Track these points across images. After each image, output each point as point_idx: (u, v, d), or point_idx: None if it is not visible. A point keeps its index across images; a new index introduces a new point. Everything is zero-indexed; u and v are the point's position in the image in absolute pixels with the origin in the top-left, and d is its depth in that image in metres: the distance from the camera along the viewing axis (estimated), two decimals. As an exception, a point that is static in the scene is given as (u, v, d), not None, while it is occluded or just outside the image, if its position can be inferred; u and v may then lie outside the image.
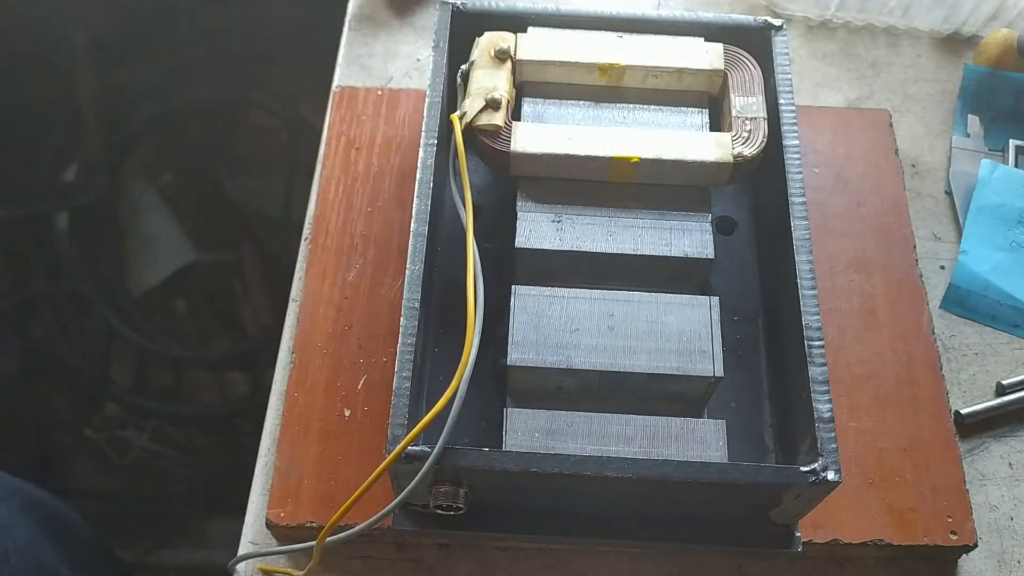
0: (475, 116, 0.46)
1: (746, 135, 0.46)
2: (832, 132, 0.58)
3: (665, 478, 0.39)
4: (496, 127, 0.46)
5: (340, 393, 0.48)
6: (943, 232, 0.57)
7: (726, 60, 0.49)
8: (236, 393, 1.07)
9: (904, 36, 0.65)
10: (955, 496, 0.46)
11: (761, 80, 0.49)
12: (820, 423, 0.40)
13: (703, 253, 0.45)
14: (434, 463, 0.38)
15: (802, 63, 0.63)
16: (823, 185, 0.56)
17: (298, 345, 0.49)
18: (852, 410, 0.48)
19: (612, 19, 0.50)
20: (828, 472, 0.38)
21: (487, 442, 0.44)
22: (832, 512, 0.45)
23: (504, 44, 0.48)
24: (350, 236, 0.53)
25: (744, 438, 0.46)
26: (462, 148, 0.44)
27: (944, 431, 0.48)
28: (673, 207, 0.46)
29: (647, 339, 0.43)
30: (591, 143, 0.46)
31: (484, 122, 0.46)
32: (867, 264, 0.53)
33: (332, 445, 0.47)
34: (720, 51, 0.49)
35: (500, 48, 0.47)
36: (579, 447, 0.41)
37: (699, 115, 0.49)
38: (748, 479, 0.39)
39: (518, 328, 0.43)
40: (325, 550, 0.40)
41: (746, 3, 0.66)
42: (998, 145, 0.60)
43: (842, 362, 0.50)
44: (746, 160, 0.46)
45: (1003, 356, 0.53)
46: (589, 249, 0.45)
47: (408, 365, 0.40)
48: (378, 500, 0.45)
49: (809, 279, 0.43)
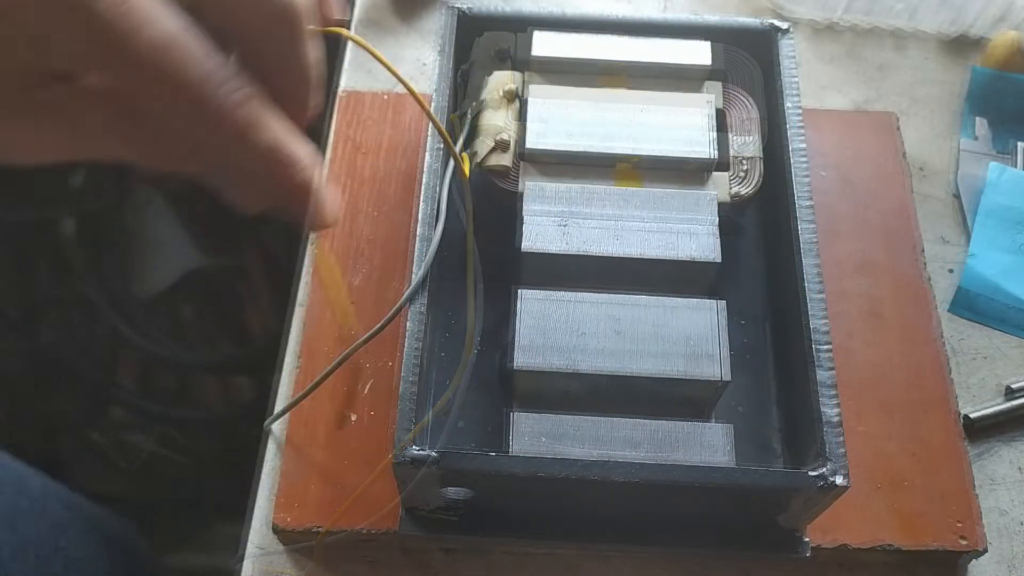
0: (484, 157, 0.47)
1: (743, 174, 0.47)
2: (838, 135, 0.57)
3: (672, 482, 0.38)
4: (505, 168, 0.47)
5: (346, 397, 0.48)
6: (951, 235, 0.57)
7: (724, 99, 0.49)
8: (242, 397, 1.07)
9: (911, 38, 0.65)
10: (964, 500, 0.46)
11: (758, 119, 0.49)
12: (828, 427, 0.39)
13: (710, 256, 0.45)
14: (433, 464, 0.38)
15: (808, 66, 0.63)
16: (829, 188, 0.55)
17: (304, 349, 0.49)
18: (860, 414, 0.48)
19: (617, 22, 0.50)
20: (836, 476, 0.38)
21: (493, 446, 0.44)
22: (840, 517, 0.45)
23: (512, 85, 0.48)
24: (356, 240, 0.53)
25: (751, 442, 0.46)
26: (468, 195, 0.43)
27: (953, 435, 0.48)
28: (679, 210, 0.46)
29: (653, 343, 0.43)
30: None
31: (493, 163, 0.47)
32: (874, 267, 0.53)
33: (338, 449, 0.46)
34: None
35: (508, 89, 0.48)
36: (585, 451, 0.41)
37: (705, 118, 0.48)
38: (755, 484, 0.38)
39: (524, 332, 0.42)
40: (329, 555, 0.40)
41: (752, 6, 0.66)
42: (1006, 148, 0.60)
43: (850, 366, 0.49)
44: (743, 199, 0.47)
45: (1012, 359, 0.53)
46: (595, 252, 0.45)
47: (414, 369, 0.40)
48: (383, 504, 0.45)
49: (816, 282, 0.43)
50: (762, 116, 0.49)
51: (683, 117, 0.48)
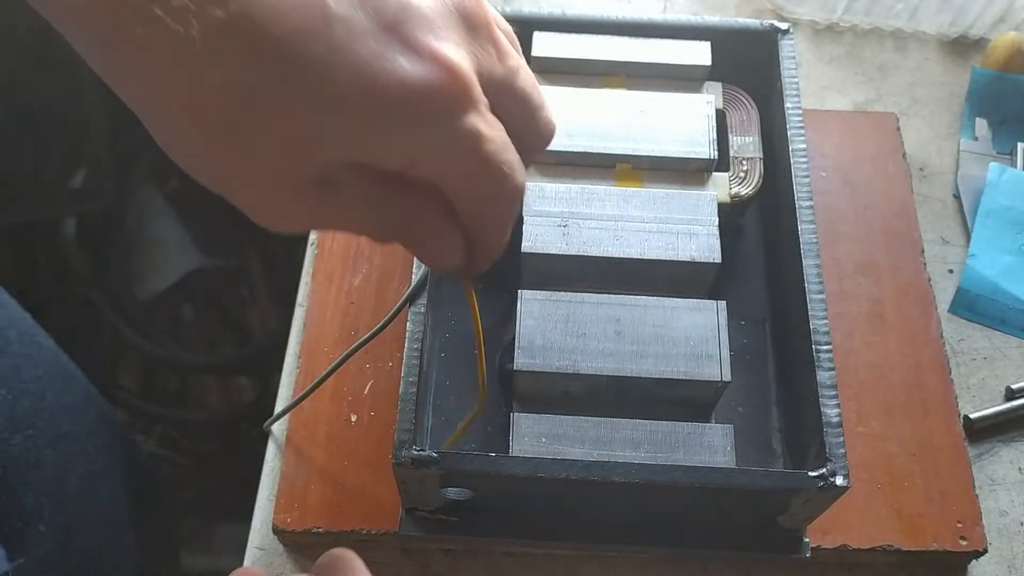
0: None
1: (743, 175, 0.47)
2: (839, 136, 0.57)
3: (672, 483, 0.38)
4: None
5: (347, 398, 0.48)
6: (951, 236, 0.57)
7: (724, 99, 0.49)
8: (243, 398, 1.07)
9: (911, 39, 0.65)
10: (964, 501, 0.46)
11: (758, 119, 0.49)
12: (828, 428, 0.39)
13: (710, 257, 0.45)
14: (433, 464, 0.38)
15: (809, 67, 0.63)
16: (830, 189, 0.55)
17: (305, 350, 0.49)
18: (860, 415, 0.48)
19: (617, 23, 0.50)
20: (836, 477, 0.38)
21: (494, 447, 0.44)
22: (840, 517, 0.45)
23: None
24: (356, 240, 0.53)
25: (752, 443, 0.46)
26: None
27: (953, 436, 0.48)
28: (679, 211, 0.46)
29: (654, 343, 0.43)
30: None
31: None
32: (875, 268, 0.53)
33: (338, 450, 0.46)
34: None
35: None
36: (586, 452, 0.41)
37: (705, 118, 0.48)
38: (756, 484, 0.38)
39: (525, 333, 0.43)
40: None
41: (752, 7, 0.66)
42: (1006, 148, 0.60)
43: (850, 366, 0.49)
44: (743, 200, 0.47)
45: (1012, 360, 0.53)
46: (595, 253, 0.45)
47: (415, 370, 0.40)
48: (384, 505, 0.45)
49: (817, 283, 0.43)
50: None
51: (683, 117, 0.48)
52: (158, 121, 0.27)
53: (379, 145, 0.28)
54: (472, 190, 0.30)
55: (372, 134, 0.27)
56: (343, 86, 0.26)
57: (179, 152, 0.28)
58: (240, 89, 0.25)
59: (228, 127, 0.26)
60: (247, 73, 0.25)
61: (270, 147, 0.27)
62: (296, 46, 0.25)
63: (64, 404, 0.56)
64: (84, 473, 0.56)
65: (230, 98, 0.25)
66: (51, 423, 0.53)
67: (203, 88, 0.25)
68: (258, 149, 0.27)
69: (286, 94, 0.25)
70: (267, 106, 0.26)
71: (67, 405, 0.56)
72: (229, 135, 0.26)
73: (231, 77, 0.25)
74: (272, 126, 0.26)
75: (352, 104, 0.26)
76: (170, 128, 0.27)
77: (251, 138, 0.26)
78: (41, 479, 0.51)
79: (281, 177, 0.28)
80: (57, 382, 0.56)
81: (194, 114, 0.26)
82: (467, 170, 0.29)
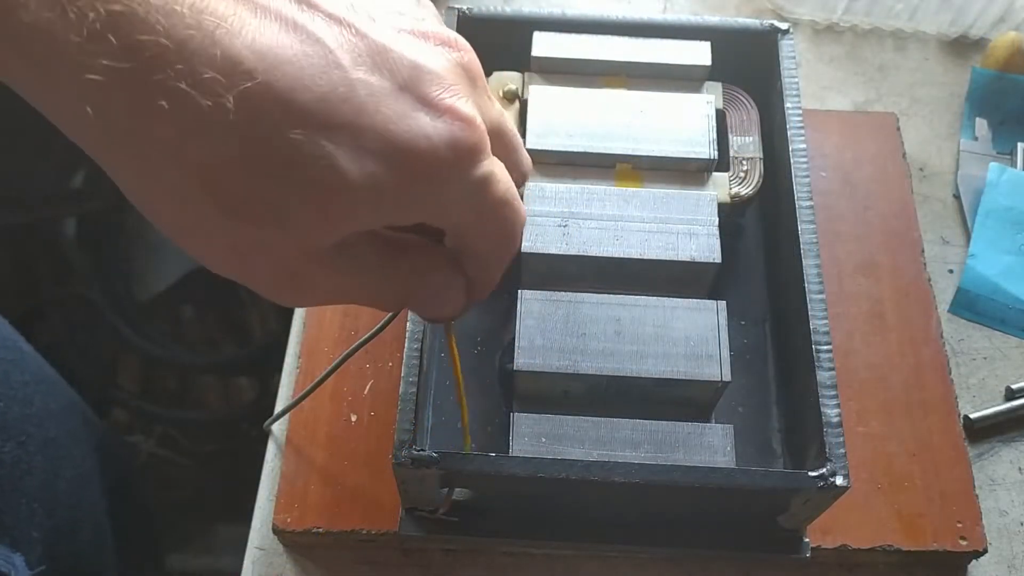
0: None
1: (743, 175, 0.47)
2: (839, 136, 0.57)
3: (672, 483, 0.38)
4: None
5: (347, 398, 0.48)
6: (951, 236, 0.57)
7: (724, 99, 0.49)
8: (243, 398, 1.07)
9: (911, 39, 0.65)
10: (964, 501, 0.46)
11: (758, 119, 0.49)
12: (828, 428, 0.39)
13: (710, 257, 0.45)
14: (433, 464, 0.38)
15: (809, 67, 0.63)
16: (830, 189, 0.55)
17: (304, 350, 0.49)
18: (860, 415, 0.48)
19: (617, 23, 0.50)
20: (836, 477, 0.38)
21: (494, 447, 0.44)
22: (840, 517, 0.45)
23: (512, 85, 0.48)
24: (356, 241, 0.52)
25: (752, 443, 0.46)
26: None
27: (953, 436, 0.48)
28: (679, 211, 0.46)
29: (654, 343, 0.43)
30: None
31: None
32: (875, 268, 0.53)
33: (338, 450, 0.46)
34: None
35: (508, 89, 0.48)
36: (586, 452, 0.41)
37: (705, 118, 0.49)
38: (756, 484, 0.38)
39: (524, 333, 0.43)
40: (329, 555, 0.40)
41: (752, 7, 0.66)
42: (1006, 148, 0.60)
43: (850, 366, 0.49)
44: (743, 200, 0.47)
45: (1012, 360, 0.53)
46: (595, 253, 0.45)
47: (415, 370, 0.40)
48: (384, 505, 0.45)
49: (816, 283, 0.43)
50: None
51: (683, 117, 0.48)
52: (171, 203, 0.26)
53: (405, 203, 0.28)
54: (487, 231, 0.31)
55: (400, 193, 0.27)
56: (374, 149, 0.26)
57: (191, 235, 0.27)
58: (266, 160, 0.25)
59: (250, 201, 0.25)
60: (275, 143, 0.25)
61: (300, 218, 0.26)
62: (325, 112, 0.25)
63: (51, 409, 0.56)
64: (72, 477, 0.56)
65: (254, 171, 0.25)
66: (40, 429, 0.53)
67: (225, 161, 0.25)
68: (287, 221, 0.26)
69: (317, 163, 0.25)
70: (299, 176, 0.25)
71: (53, 411, 0.56)
72: (251, 208, 0.26)
73: (256, 147, 0.24)
74: (305, 196, 0.26)
75: (384, 165, 0.26)
76: (186, 209, 0.26)
77: (277, 210, 0.26)
78: (33, 485, 0.51)
79: (306, 249, 0.27)
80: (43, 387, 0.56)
81: (212, 189, 0.25)
82: (483, 212, 0.30)
